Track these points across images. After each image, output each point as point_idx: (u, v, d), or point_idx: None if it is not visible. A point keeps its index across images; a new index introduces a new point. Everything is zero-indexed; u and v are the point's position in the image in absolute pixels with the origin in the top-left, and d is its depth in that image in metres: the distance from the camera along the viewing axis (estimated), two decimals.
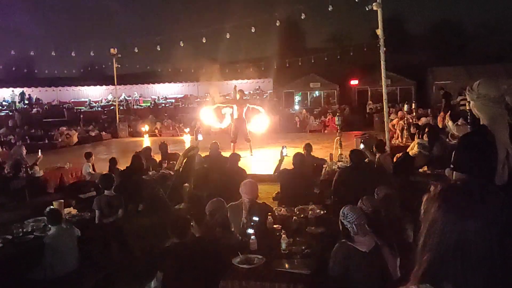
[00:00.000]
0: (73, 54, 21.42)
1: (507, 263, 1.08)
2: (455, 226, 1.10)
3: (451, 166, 2.76)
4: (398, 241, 3.69)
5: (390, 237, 3.61)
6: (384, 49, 8.98)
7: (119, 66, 23.06)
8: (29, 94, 31.76)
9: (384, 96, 9.65)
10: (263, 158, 12.67)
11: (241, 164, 7.68)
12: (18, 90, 31.62)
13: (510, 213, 1.11)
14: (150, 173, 8.50)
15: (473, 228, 1.08)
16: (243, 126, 12.96)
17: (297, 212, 5.14)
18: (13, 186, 8.50)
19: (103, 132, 22.44)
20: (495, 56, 29.17)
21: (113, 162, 8.79)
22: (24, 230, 5.16)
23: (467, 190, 1.16)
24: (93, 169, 9.50)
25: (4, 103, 30.52)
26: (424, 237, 1.16)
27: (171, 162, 9.13)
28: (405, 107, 14.53)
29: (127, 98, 31.11)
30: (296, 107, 28.14)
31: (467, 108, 3.23)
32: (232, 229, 4.39)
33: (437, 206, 1.14)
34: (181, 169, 8.10)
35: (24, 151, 9.47)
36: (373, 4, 8.83)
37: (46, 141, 19.13)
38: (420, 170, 8.23)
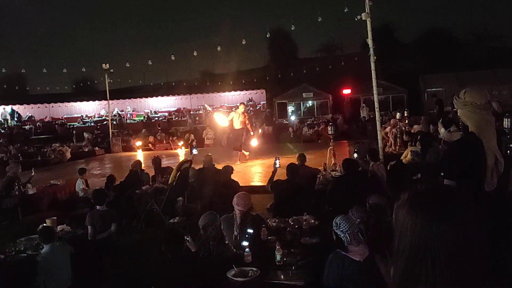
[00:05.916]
0: (64, 70, 21.37)
1: (475, 262, 1.12)
2: (423, 229, 1.13)
3: (442, 173, 2.78)
4: (391, 249, 3.68)
5: (382, 245, 3.60)
6: (375, 58, 9.02)
7: (111, 81, 23.00)
8: (16, 112, 31.48)
9: (376, 105, 9.68)
10: (257, 170, 12.66)
11: (234, 176, 7.67)
12: (8, 108, 31.44)
13: (475, 213, 1.15)
14: (144, 187, 8.48)
15: (440, 230, 1.12)
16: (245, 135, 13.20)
17: (291, 223, 5.12)
18: (6, 205, 8.43)
19: (96, 148, 22.31)
20: (485, 63, 29.39)
21: (110, 180, 8.71)
22: (17, 248, 5.11)
23: (434, 194, 1.20)
24: (87, 185, 9.45)
25: None
26: (397, 242, 1.20)
27: (164, 176, 9.11)
28: (398, 115, 14.53)
29: (120, 112, 31.03)
30: (292, 117, 28.20)
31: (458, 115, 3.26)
32: (226, 242, 4.36)
33: (405, 211, 1.18)
34: (174, 182, 8.08)
35: (20, 170, 9.35)
36: (362, 14, 8.88)
37: (39, 158, 18.99)
38: (414, 177, 8.26)
